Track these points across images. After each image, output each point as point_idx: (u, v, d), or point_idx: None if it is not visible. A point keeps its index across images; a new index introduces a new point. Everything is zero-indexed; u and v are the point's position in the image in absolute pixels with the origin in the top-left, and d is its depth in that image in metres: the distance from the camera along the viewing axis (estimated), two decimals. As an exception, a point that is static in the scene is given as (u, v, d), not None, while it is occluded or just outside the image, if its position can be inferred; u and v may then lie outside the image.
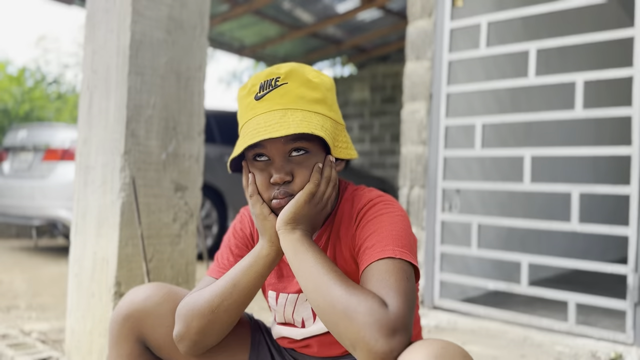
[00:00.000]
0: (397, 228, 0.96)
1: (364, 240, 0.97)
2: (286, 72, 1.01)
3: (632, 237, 2.34)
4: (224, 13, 6.11)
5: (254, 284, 1.00)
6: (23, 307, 2.90)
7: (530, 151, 2.64)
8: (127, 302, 1.09)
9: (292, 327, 1.12)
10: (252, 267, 1.00)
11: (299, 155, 0.99)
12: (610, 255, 4.95)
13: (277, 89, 1.00)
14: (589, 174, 4.75)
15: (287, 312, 1.11)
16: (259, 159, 1.01)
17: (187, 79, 2.01)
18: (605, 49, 4.14)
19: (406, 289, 0.86)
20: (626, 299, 2.35)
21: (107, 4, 1.92)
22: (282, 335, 1.14)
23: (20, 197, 4.84)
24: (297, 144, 0.99)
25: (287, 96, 1.00)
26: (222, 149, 5.29)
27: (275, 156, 0.99)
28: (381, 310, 0.81)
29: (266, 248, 1.00)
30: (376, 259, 0.91)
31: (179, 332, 1.01)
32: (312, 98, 1.02)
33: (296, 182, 0.99)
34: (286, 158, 0.99)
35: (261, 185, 1.01)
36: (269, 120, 0.97)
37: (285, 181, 0.99)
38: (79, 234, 1.97)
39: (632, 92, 2.36)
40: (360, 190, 1.08)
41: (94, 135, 1.94)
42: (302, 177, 0.99)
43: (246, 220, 1.16)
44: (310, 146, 1.00)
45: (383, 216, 0.99)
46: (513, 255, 2.73)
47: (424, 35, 3.00)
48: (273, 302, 1.13)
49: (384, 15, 6.35)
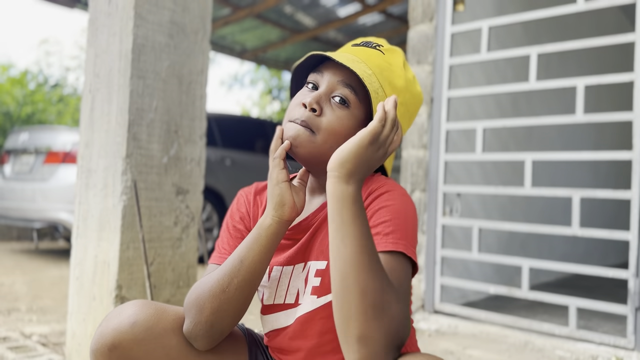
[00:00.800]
0: (411, 224, 0.95)
1: (378, 224, 0.92)
2: (389, 47, 1.06)
3: (632, 241, 2.33)
4: (225, 17, 6.12)
5: (261, 258, 0.94)
6: (24, 310, 2.90)
7: (531, 155, 2.64)
8: (112, 330, 0.93)
9: (280, 312, 1.05)
10: (256, 240, 0.95)
11: (339, 102, 0.99)
12: (611, 259, 4.95)
13: (373, 49, 1.04)
14: (589, 178, 4.75)
15: (281, 285, 1.04)
16: (310, 85, 1.02)
17: (189, 82, 2.02)
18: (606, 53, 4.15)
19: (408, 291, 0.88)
20: (627, 304, 2.34)
21: (110, 8, 1.93)
22: (272, 329, 1.07)
23: (22, 200, 4.84)
24: (346, 91, 0.99)
25: (375, 59, 1.03)
26: (223, 152, 5.30)
27: (323, 86, 1.00)
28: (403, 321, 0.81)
29: (269, 217, 0.95)
30: (391, 250, 0.89)
31: (192, 320, 0.94)
32: (389, 79, 1.03)
33: (322, 119, 0.98)
34: (328, 94, 0.99)
35: (292, 105, 1.01)
36: (345, 58, 0.99)
37: (312, 108, 0.97)
38: (80, 237, 1.97)
39: (633, 97, 2.36)
40: (379, 177, 1.05)
41: (95, 139, 1.95)
42: (330, 119, 0.98)
43: (242, 200, 1.12)
44: (353, 103, 1.00)
45: (401, 206, 0.96)
46: (514, 259, 2.73)
47: (425, 39, 3.01)
48: (265, 278, 1.06)
49: (385, 19, 6.37)
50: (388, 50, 1.06)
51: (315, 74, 1.02)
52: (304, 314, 1.00)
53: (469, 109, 3.21)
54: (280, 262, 1.04)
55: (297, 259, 1.03)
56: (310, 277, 1.00)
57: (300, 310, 1.01)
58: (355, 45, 1.06)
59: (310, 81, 1.02)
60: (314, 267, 1.00)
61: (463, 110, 3.14)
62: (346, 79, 0.99)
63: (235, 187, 5.13)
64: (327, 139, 0.98)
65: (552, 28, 3.86)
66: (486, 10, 3.26)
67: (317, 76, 1.01)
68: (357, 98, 1.00)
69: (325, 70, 1.01)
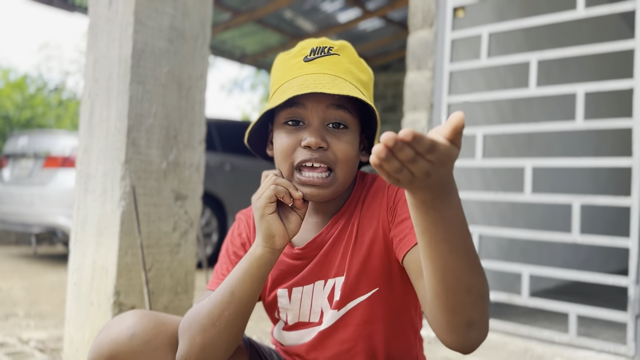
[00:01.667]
0: None
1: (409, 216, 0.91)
2: (339, 46, 0.99)
3: (633, 248, 2.33)
4: (225, 22, 6.13)
5: (252, 289, 0.90)
6: (21, 315, 2.89)
7: (531, 162, 2.64)
8: (110, 341, 0.91)
9: (304, 330, 1.03)
10: (247, 271, 0.90)
11: (337, 128, 0.94)
12: (611, 266, 4.94)
13: (329, 56, 0.97)
14: (589, 184, 4.74)
15: (304, 306, 1.01)
16: (291, 123, 0.94)
17: (189, 88, 2.01)
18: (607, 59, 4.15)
19: None
20: (627, 311, 2.33)
21: (110, 14, 1.93)
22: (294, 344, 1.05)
23: (20, 204, 4.83)
24: (340, 113, 0.94)
25: (338, 65, 0.96)
26: (222, 157, 5.29)
27: (313, 119, 0.93)
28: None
29: (260, 247, 0.90)
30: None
31: (183, 352, 0.90)
32: (360, 78, 0.99)
33: (333, 151, 0.92)
34: (323, 125, 0.94)
35: (287, 149, 0.93)
36: (319, 80, 0.92)
37: (319, 147, 0.91)
38: (78, 242, 1.96)
39: (633, 104, 2.36)
40: (375, 176, 1.04)
41: (94, 144, 1.94)
42: (340, 149, 0.93)
43: (243, 225, 1.08)
44: (350, 122, 0.95)
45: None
46: (514, 266, 2.72)
47: (425, 45, 3.01)
48: (285, 301, 1.03)
49: (385, 25, 6.38)
50: (339, 49, 0.99)
51: (294, 108, 0.94)
52: (325, 329, 1.00)
53: (469, 115, 3.20)
54: (298, 282, 1.02)
55: (315, 277, 1.01)
56: (336, 294, 0.99)
57: (322, 326, 1.00)
58: (308, 60, 0.97)
59: (291, 118, 0.94)
60: (339, 283, 0.99)
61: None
62: (334, 101, 0.94)
63: (235, 192, 5.12)
64: (345, 170, 0.95)
65: (553, 34, 3.87)
66: (486, 17, 3.26)
67: (299, 110, 0.94)
68: (351, 114, 0.96)
69: (307, 101, 0.93)
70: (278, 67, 1.01)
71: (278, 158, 0.96)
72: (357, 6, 5.74)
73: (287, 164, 0.94)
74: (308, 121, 0.94)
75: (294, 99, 0.92)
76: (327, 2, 5.78)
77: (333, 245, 0.99)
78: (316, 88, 0.89)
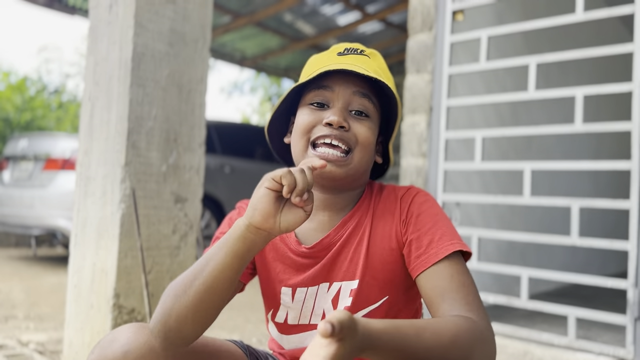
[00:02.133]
0: (447, 218, 0.98)
1: (427, 231, 0.94)
2: (370, 51, 1.03)
3: (632, 251, 2.33)
4: (225, 24, 6.15)
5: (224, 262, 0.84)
6: (21, 317, 2.89)
7: (530, 164, 2.64)
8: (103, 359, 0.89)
9: (305, 333, 1.02)
10: (225, 242, 0.85)
11: (359, 116, 0.97)
12: (610, 269, 4.94)
13: (361, 55, 1.00)
14: (589, 187, 4.75)
15: (306, 307, 1.01)
16: (316, 104, 0.97)
17: (189, 91, 2.02)
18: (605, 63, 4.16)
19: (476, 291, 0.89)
20: (626, 314, 2.34)
21: (110, 17, 1.94)
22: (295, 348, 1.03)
23: (20, 206, 4.83)
24: (365, 102, 0.97)
25: (368, 64, 0.99)
26: (222, 160, 5.30)
27: (339, 102, 0.96)
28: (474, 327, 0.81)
29: (242, 219, 0.85)
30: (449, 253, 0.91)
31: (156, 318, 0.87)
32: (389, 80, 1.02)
33: (354, 133, 0.95)
34: (347, 109, 0.96)
35: (308, 124, 0.95)
36: (351, 64, 0.95)
37: (340, 126, 0.94)
38: (78, 245, 1.97)
39: (632, 107, 2.36)
40: (386, 184, 1.06)
41: (94, 147, 1.95)
42: (361, 132, 0.95)
43: (236, 213, 1.07)
44: (372, 114, 0.98)
45: (433, 207, 0.98)
46: (513, 268, 2.73)
47: (425, 48, 3.02)
48: (288, 299, 1.02)
49: (385, 28, 6.39)
50: (370, 54, 1.03)
51: (322, 90, 0.97)
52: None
53: (468, 118, 3.21)
54: (303, 282, 1.01)
55: (320, 279, 1.00)
56: (342, 297, 0.98)
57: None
58: (341, 54, 1.01)
59: (317, 101, 0.97)
60: (346, 287, 0.98)
61: (462, 119, 3.14)
62: (361, 88, 0.97)
63: (235, 195, 5.12)
64: (362, 155, 0.96)
65: (552, 37, 3.88)
66: (486, 20, 3.27)
67: (326, 92, 0.97)
68: (374, 106, 0.99)
69: (335, 84, 0.97)
70: (310, 63, 1.05)
71: (296, 134, 0.98)
72: (356, 9, 5.75)
73: (304, 140, 0.96)
74: (333, 104, 0.97)
75: (323, 81, 0.96)
76: (327, 5, 5.80)
77: (342, 248, 0.99)
78: (348, 67, 0.93)
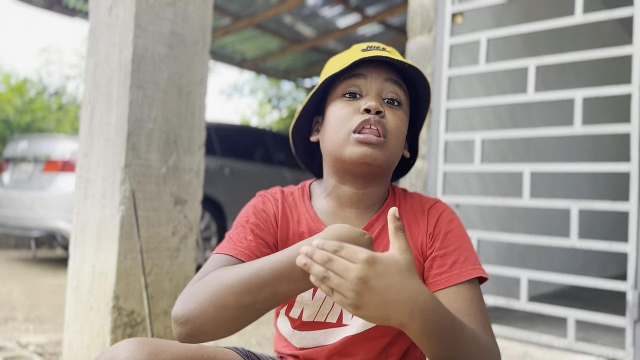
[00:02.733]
0: (471, 244, 0.99)
1: (453, 251, 0.95)
2: (390, 48, 1.03)
3: (631, 253, 2.33)
4: (225, 27, 6.15)
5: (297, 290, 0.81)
6: (20, 319, 2.89)
7: (530, 167, 2.65)
8: None
9: (319, 331, 1.00)
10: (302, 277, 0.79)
11: (392, 105, 0.97)
12: (610, 271, 4.95)
13: (384, 51, 1.00)
14: (588, 189, 4.75)
15: (325, 305, 0.99)
16: (348, 95, 0.97)
17: (189, 93, 2.02)
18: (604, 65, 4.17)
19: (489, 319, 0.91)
20: (626, 316, 2.34)
21: (110, 19, 1.94)
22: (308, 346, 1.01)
23: (20, 208, 4.84)
24: (396, 89, 0.98)
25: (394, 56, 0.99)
26: (222, 161, 5.30)
27: (372, 89, 0.96)
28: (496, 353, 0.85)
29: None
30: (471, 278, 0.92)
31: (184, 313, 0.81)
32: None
33: (387, 120, 0.95)
34: (380, 96, 0.97)
35: (346, 115, 0.95)
36: (379, 55, 0.95)
37: (378, 111, 0.94)
38: (78, 247, 1.97)
39: (631, 109, 2.37)
40: (406, 190, 1.07)
41: (94, 149, 1.95)
42: (393, 121, 0.96)
43: (270, 205, 1.02)
44: (404, 101, 0.99)
45: (460, 226, 0.99)
46: (512, 270, 2.73)
47: (424, 50, 3.02)
48: (308, 297, 0.99)
49: (384, 30, 6.40)
50: (391, 50, 1.03)
51: (354, 79, 0.97)
52: (351, 335, 0.98)
53: (467, 120, 3.22)
54: None
55: None
56: None
57: (348, 331, 0.98)
58: (365, 50, 1.02)
59: (350, 91, 0.97)
60: None
61: (462, 121, 3.15)
62: (392, 75, 0.98)
63: (234, 197, 5.13)
64: (395, 142, 0.97)
65: (551, 40, 3.88)
66: (485, 22, 3.28)
67: (358, 81, 0.97)
68: (405, 94, 1.00)
69: (368, 72, 0.97)
70: (332, 62, 1.05)
71: (334, 126, 0.97)
72: (356, 11, 5.76)
73: (344, 129, 0.95)
74: (366, 92, 0.97)
75: (354, 70, 0.96)
76: (327, 8, 5.81)
77: None
78: (381, 54, 0.94)
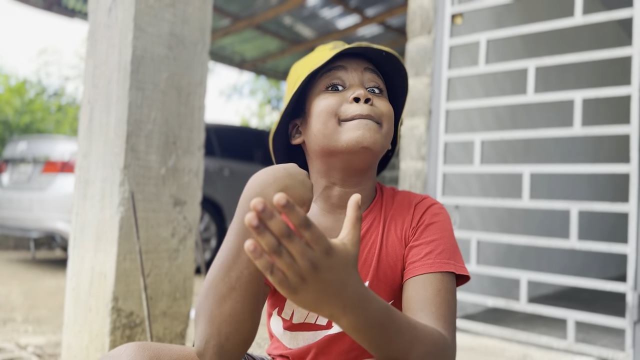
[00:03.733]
0: (454, 238, 0.98)
1: (430, 241, 0.94)
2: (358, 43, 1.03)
3: (631, 254, 2.33)
4: (225, 27, 6.15)
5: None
6: (19, 320, 2.88)
7: (529, 168, 2.65)
8: None
9: (309, 332, 1.00)
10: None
11: (374, 92, 0.97)
12: (609, 272, 4.94)
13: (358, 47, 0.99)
14: (587, 191, 4.75)
15: None
16: (330, 88, 0.96)
17: (188, 94, 2.02)
18: (604, 67, 4.17)
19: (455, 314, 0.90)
20: (625, 317, 2.34)
21: (109, 20, 1.94)
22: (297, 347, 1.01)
23: (19, 209, 4.83)
24: (376, 78, 0.97)
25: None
26: (221, 162, 5.30)
27: (354, 79, 0.96)
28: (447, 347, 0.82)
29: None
30: (444, 270, 0.91)
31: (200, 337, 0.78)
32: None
33: (377, 106, 0.94)
34: (363, 85, 0.96)
35: (333, 105, 0.94)
36: (359, 46, 0.95)
37: (367, 99, 0.93)
38: (77, 248, 1.97)
39: (630, 110, 2.37)
40: (395, 189, 1.06)
41: (93, 150, 1.95)
42: (383, 105, 0.95)
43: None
44: (383, 89, 0.99)
45: (445, 221, 0.98)
46: (512, 272, 2.73)
47: (424, 51, 3.02)
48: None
49: (384, 31, 6.40)
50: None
51: (335, 71, 0.97)
52: (333, 334, 0.98)
53: (467, 121, 3.21)
54: None
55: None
56: None
57: (331, 331, 0.99)
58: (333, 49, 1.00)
59: (332, 83, 0.97)
60: None
61: (461, 122, 3.15)
62: (369, 65, 0.98)
63: (234, 197, 5.12)
64: (389, 127, 0.97)
65: (551, 41, 3.88)
66: (484, 23, 3.28)
67: (339, 73, 0.97)
68: (382, 81, 1.00)
69: (346, 63, 0.97)
70: (299, 66, 1.02)
71: (323, 118, 0.95)
72: (356, 12, 5.76)
73: (334, 119, 0.94)
74: (349, 83, 0.96)
75: (333, 63, 0.95)
76: (326, 9, 5.81)
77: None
78: (359, 44, 0.94)
